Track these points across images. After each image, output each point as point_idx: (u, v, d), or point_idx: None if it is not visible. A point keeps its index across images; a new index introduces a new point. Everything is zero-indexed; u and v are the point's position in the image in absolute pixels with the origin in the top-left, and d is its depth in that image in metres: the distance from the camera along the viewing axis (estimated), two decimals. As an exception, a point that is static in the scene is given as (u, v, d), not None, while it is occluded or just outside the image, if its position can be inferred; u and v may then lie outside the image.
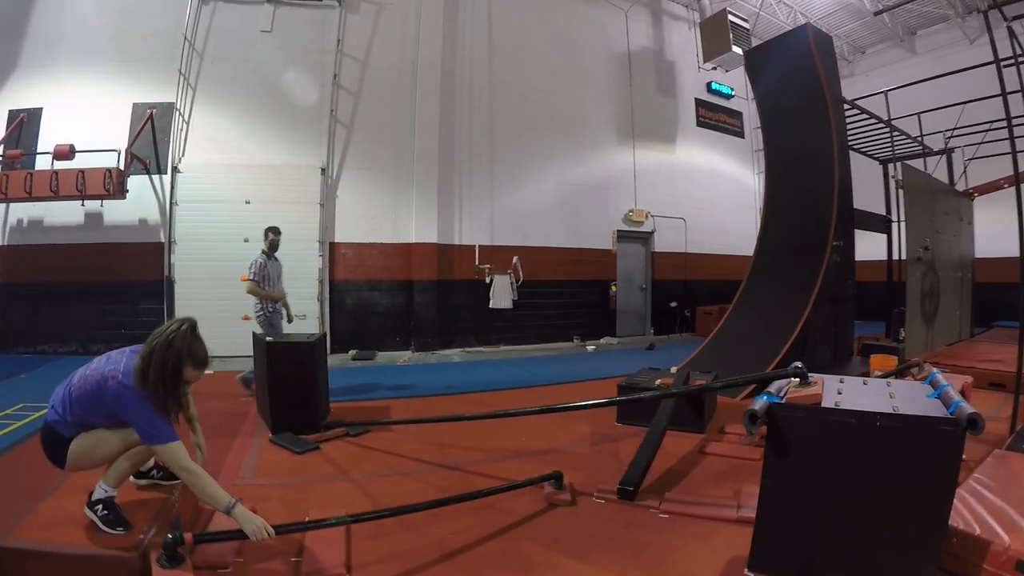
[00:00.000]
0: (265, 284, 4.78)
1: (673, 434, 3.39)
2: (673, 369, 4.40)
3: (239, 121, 7.61)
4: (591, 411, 3.99)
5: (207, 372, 2.22)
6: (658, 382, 4.01)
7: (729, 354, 5.42)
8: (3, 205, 7.54)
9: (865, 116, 6.68)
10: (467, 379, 6.02)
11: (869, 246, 7.55)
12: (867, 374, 4.83)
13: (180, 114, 7.57)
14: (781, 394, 2.10)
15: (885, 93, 7.06)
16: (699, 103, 10.53)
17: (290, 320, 5.14)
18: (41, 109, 7.81)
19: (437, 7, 8.10)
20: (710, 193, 10.30)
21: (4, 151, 7.51)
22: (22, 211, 7.55)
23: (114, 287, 7.34)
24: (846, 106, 6.32)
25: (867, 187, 7.22)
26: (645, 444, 3.01)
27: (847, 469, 1.77)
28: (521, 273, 8.23)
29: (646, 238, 9.85)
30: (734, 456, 3.27)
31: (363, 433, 3.73)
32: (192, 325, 2.02)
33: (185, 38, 7.67)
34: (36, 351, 7.41)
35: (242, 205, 7.37)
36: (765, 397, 1.98)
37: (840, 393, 2.06)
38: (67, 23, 8.01)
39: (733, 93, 11.06)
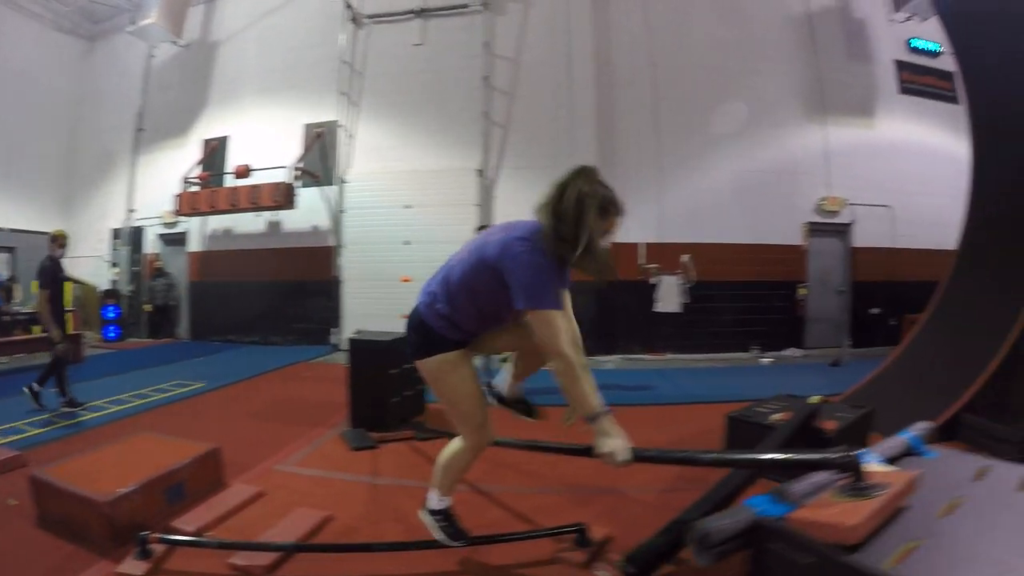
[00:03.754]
0: None
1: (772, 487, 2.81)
2: (813, 399, 3.70)
3: (398, 131, 8.35)
4: (694, 445, 3.74)
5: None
6: (774, 418, 3.33)
7: (910, 383, 4.57)
8: (201, 218, 9.17)
9: None
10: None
11: None
12: None
13: (345, 130, 8.48)
14: (803, 499, 1.41)
15: None
16: (900, 65, 9.37)
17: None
18: (227, 137, 9.24)
19: (586, -6, 8.23)
20: (921, 174, 9.00)
21: (197, 175, 9.03)
22: (217, 222, 9.21)
23: (290, 286, 8.72)
24: None
25: None
26: (692, 509, 2.13)
27: None
28: (694, 273, 7.73)
29: (843, 231, 8.84)
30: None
31: (430, 438, 3.76)
32: (596, 171, 1.83)
33: (344, 61, 8.64)
34: (225, 339, 9.03)
35: (402, 210, 8.03)
36: (760, 504, 1.36)
37: (949, 514, 1.30)
38: (245, 62, 9.56)
39: (941, 50, 9.68)
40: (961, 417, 3.87)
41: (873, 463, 1.53)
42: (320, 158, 8.49)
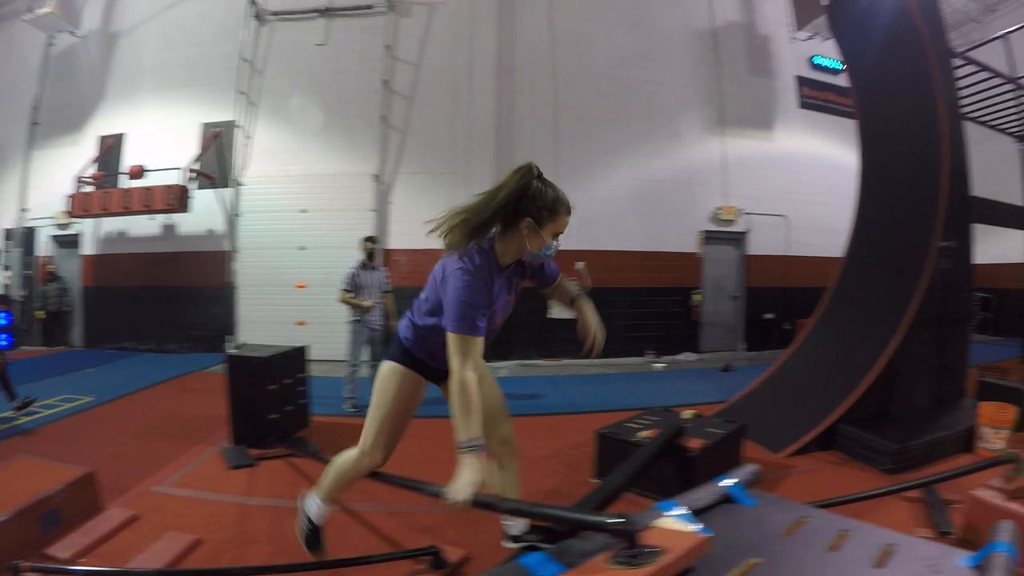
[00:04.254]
0: (359, 294, 5.17)
1: (639, 502, 2.71)
2: (687, 414, 3.82)
3: (297, 133, 8.27)
4: (567, 459, 3.80)
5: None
6: (641, 435, 3.34)
7: (791, 393, 4.68)
8: (95, 220, 8.95)
9: (988, 75, 5.55)
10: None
11: (1013, 246, 6.40)
12: (973, 430, 4.02)
13: (242, 130, 8.37)
14: (576, 560, 1.35)
15: (1007, 36, 5.84)
16: (801, 81, 9.79)
17: (390, 329, 5.34)
18: (123, 135, 9.02)
19: (491, 1, 8.27)
20: (817, 185, 9.44)
21: (91, 174, 8.78)
22: (110, 224, 8.98)
23: (185, 292, 8.53)
24: (963, 64, 5.28)
25: (1003, 169, 6.17)
26: (535, 532, 2.20)
27: None
28: (588, 280, 7.92)
29: (739, 239, 9.20)
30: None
31: (309, 456, 3.72)
32: (538, 170, 1.79)
33: (245, 59, 8.53)
34: (119, 348, 8.78)
35: (298, 214, 8.00)
36: (533, 562, 1.29)
37: None
38: (145, 56, 9.35)
39: (842, 67, 10.14)
40: (838, 427, 4.01)
41: (671, 518, 1.45)
42: (217, 159, 8.37)
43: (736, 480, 1.75)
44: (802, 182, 9.45)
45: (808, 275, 9.20)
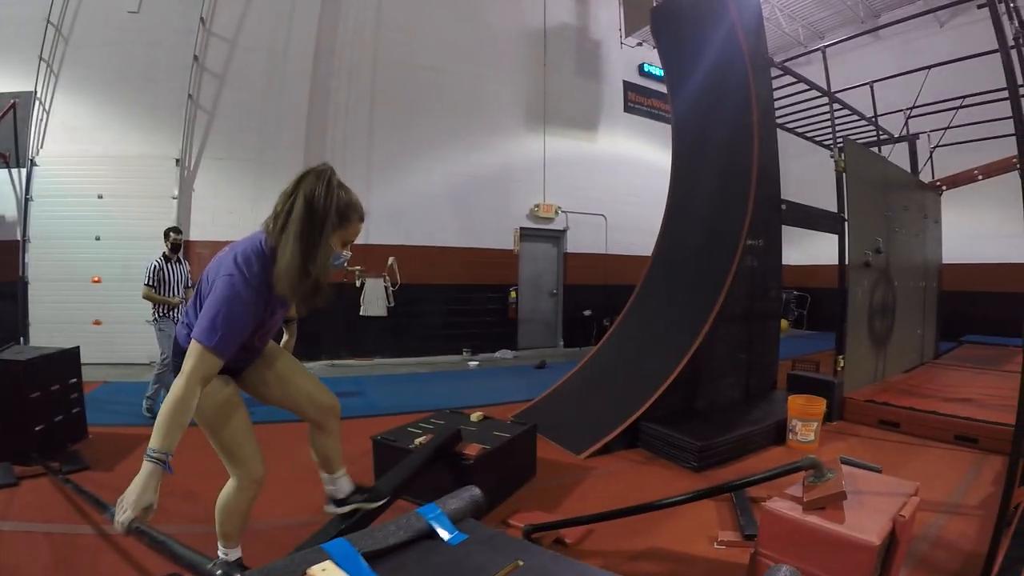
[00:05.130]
0: (163, 289, 5.01)
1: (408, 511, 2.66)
2: (475, 416, 3.63)
3: (99, 109, 7.96)
4: (354, 468, 3.53)
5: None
6: (418, 441, 3.17)
7: (595, 391, 4.69)
8: None
9: (806, 88, 6.15)
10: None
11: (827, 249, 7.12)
12: (784, 423, 4.14)
13: (41, 103, 7.97)
14: None
15: (823, 50, 6.33)
16: (628, 86, 10.28)
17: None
18: (-90, 100, 8.34)
19: (317, -22, 8.20)
20: (638, 187, 10.06)
21: None
22: None
23: None
24: (780, 75, 5.73)
25: (825, 180, 6.84)
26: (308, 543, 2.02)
27: None
28: (398, 276, 8.21)
29: (558, 237, 9.70)
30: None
31: (76, 471, 3.53)
32: (331, 172, 1.69)
33: (50, 22, 8.04)
34: None
35: (95, 200, 7.72)
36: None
37: None
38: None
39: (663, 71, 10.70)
40: (641, 425, 3.96)
41: (327, 565, 1.15)
42: (12, 135, 7.97)
43: (442, 510, 1.42)
44: (623, 183, 10.04)
45: (627, 273, 9.84)
